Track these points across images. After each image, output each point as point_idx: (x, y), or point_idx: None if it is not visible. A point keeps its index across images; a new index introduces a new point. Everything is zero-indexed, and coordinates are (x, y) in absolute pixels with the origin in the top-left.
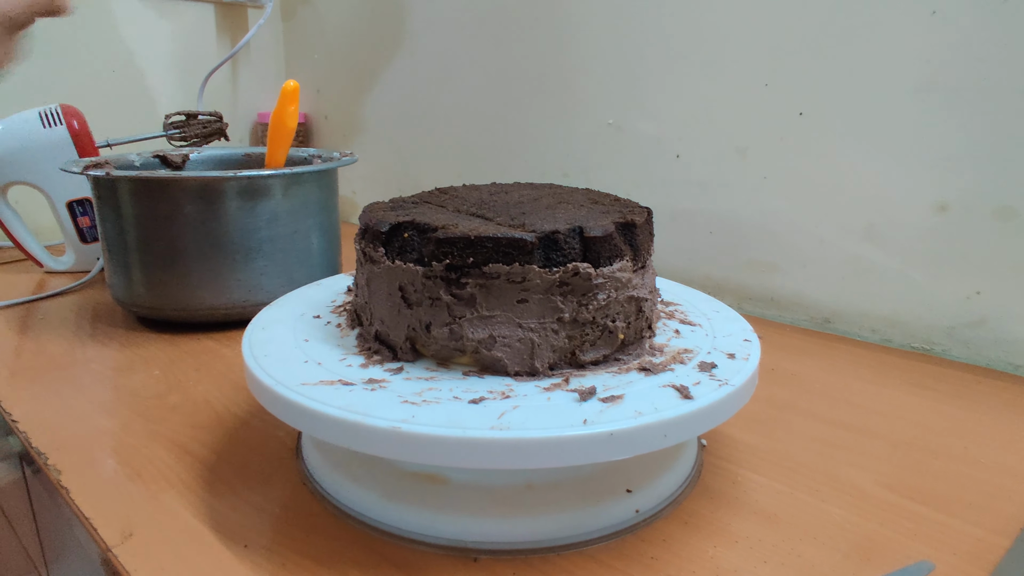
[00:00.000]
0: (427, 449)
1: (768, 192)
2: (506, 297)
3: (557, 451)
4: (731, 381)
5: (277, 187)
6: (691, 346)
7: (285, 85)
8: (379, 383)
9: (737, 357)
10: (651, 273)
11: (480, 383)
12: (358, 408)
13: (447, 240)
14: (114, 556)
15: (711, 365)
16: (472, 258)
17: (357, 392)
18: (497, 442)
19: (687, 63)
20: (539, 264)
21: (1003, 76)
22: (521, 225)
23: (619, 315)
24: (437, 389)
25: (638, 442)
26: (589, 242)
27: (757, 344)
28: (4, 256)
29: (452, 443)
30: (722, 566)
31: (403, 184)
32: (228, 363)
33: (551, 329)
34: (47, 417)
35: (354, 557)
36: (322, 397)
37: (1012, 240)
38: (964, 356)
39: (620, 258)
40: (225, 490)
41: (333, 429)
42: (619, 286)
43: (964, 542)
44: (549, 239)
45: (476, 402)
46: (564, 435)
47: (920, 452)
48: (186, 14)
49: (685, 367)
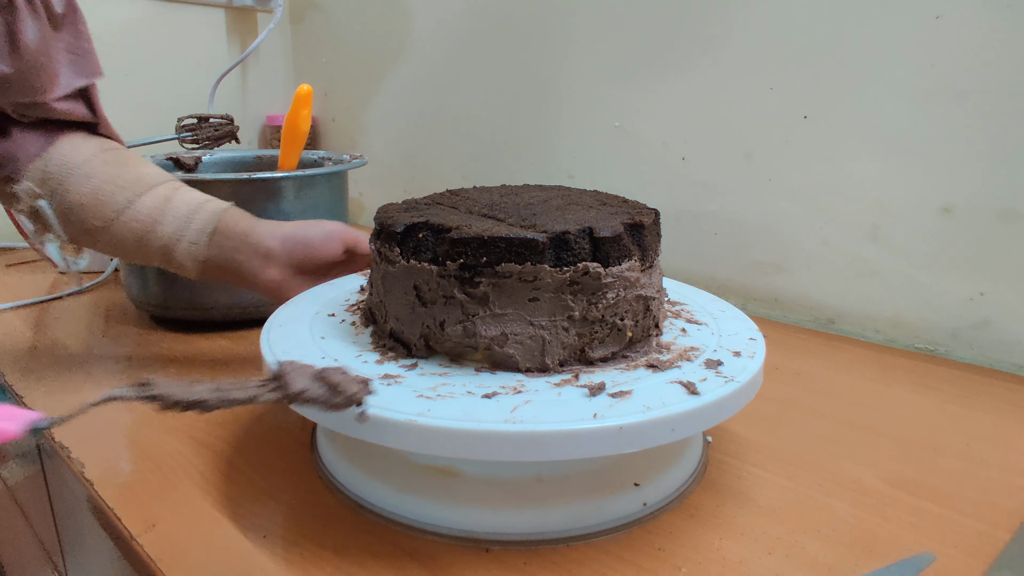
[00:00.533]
0: (442, 441)
1: (773, 194)
2: (518, 296)
3: (569, 444)
4: (737, 378)
5: (290, 189)
6: (698, 344)
7: (299, 89)
8: (395, 378)
9: (743, 355)
10: (658, 273)
11: (492, 379)
12: (375, 402)
13: (461, 240)
14: (139, 545)
15: (717, 362)
16: (485, 258)
17: (374, 387)
18: (511, 435)
19: (692, 67)
20: (550, 264)
21: (1007, 80)
22: (532, 226)
23: (628, 313)
24: (451, 384)
25: (647, 436)
26: (599, 242)
27: (762, 342)
28: (20, 257)
29: (467, 436)
30: (728, 557)
31: (410, 186)
32: (243, 361)
33: (562, 327)
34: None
35: (369, 547)
36: None
37: (1016, 242)
38: (968, 357)
39: (629, 258)
40: (243, 482)
41: (352, 423)
42: (628, 285)
43: (965, 536)
44: (560, 239)
45: (489, 396)
46: (575, 428)
47: (923, 449)
48: (197, 18)
49: (692, 364)
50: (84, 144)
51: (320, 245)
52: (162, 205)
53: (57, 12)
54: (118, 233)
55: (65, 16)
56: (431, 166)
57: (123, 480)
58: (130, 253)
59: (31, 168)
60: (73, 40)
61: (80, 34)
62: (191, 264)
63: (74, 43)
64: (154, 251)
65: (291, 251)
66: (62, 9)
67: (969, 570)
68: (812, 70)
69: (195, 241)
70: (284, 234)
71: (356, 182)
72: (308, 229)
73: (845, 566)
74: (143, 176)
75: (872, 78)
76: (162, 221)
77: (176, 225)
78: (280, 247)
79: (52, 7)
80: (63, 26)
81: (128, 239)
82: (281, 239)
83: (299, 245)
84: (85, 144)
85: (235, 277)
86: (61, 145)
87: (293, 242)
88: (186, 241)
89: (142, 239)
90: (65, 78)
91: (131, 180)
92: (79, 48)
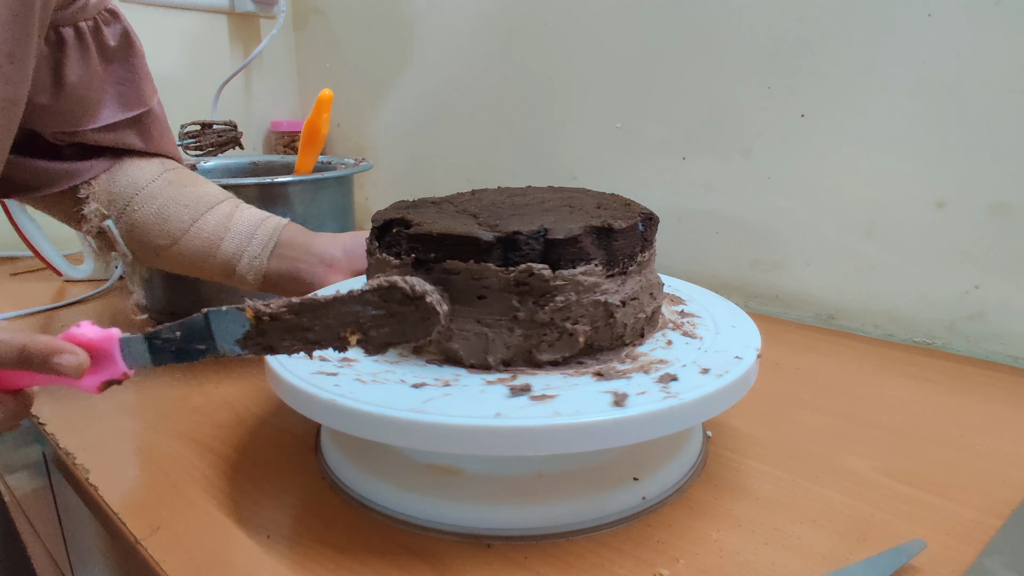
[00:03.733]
0: (344, 420)
1: (772, 192)
2: (468, 292)
3: (465, 439)
4: (681, 396)
5: (300, 193)
6: (671, 357)
7: (321, 94)
8: (350, 362)
9: (711, 373)
10: (641, 281)
11: (433, 371)
12: (312, 380)
13: (415, 236)
14: (143, 548)
15: (672, 377)
16: (434, 253)
17: (339, 372)
18: (407, 423)
19: (692, 68)
20: (496, 263)
21: (996, 74)
22: (495, 226)
23: (583, 318)
24: (393, 372)
25: (548, 441)
26: (551, 244)
27: (748, 363)
28: (24, 265)
29: (374, 419)
30: (725, 548)
31: (415, 189)
32: (247, 366)
33: (507, 327)
34: (72, 419)
35: (372, 545)
36: (296, 370)
37: (1008, 234)
38: (964, 349)
39: (586, 262)
40: (247, 485)
41: (291, 394)
42: (582, 290)
43: (957, 523)
44: (508, 240)
45: (417, 387)
46: (474, 424)
47: (918, 440)
48: (199, 25)
49: (646, 376)
50: (148, 166)
51: None
52: (225, 222)
53: (110, 45)
54: (183, 251)
55: (118, 49)
56: (436, 169)
57: (127, 485)
58: (191, 268)
59: (96, 190)
60: (124, 72)
61: (132, 66)
62: (253, 277)
63: (125, 75)
64: (216, 266)
65: (352, 259)
66: (115, 42)
67: (960, 556)
68: (808, 69)
69: (257, 255)
70: (344, 243)
71: (361, 187)
72: (364, 239)
73: (838, 554)
74: (205, 195)
75: (866, 76)
76: (225, 237)
77: (239, 241)
78: (343, 255)
79: (105, 41)
80: (115, 59)
81: (192, 256)
82: (343, 248)
83: (358, 252)
84: (149, 165)
85: (298, 285)
86: (126, 166)
87: (354, 250)
88: (248, 256)
89: (206, 255)
90: (108, 110)
91: (194, 199)
92: (129, 80)
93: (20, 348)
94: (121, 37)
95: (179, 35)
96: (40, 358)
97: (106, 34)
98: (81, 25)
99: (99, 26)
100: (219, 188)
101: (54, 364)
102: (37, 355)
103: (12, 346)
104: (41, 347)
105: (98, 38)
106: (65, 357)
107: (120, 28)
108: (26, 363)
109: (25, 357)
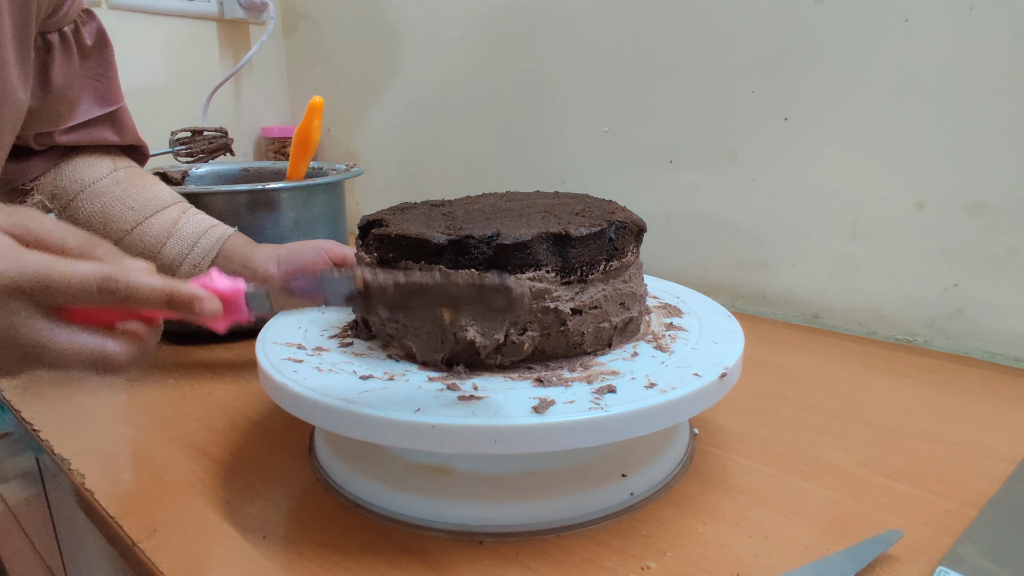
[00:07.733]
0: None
1: (757, 194)
2: None
3: (385, 430)
4: (607, 408)
5: (292, 199)
6: (626, 370)
7: (312, 101)
8: (319, 351)
9: (656, 387)
10: (605, 290)
11: (386, 366)
12: (280, 368)
13: (378, 236)
14: (141, 551)
15: (609, 389)
16: (393, 253)
17: (305, 360)
18: (333, 409)
19: (678, 72)
20: (448, 265)
21: (970, 78)
22: (459, 229)
23: (531, 324)
24: (351, 364)
25: (458, 440)
26: (500, 249)
27: (705, 381)
28: None
29: (309, 403)
30: (710, 541)
31: (405, 194)
32: (240, 371)
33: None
34: (66, 425)
35: (366, 544)
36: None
37: (984, 233)
38: (945, 346)
39: (536, 268)
40: (242, 487)
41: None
42: (530, 296)
43: (934, 513)
44: (460, 243)
45: (364, 379)
46: (396, 418)
47: (899, 435)
48: (188, 31)
49: (587, 387)
50: (98, 163)
51: (311, 263)
52: (169, 227)
53: (87, 44)
54: (124, 250)
55: (94, 47)
56: (427, 174)
57: (123, 489)
58: None
59: (43, 183)
60: (100, 69)
61: (106, 63)
62: None
63: (100, 72)
64: (157, 268)
65: (286, 272)
66: (92, 41)
67: (936, 545)
68: (791, 73)
69: (197, 264)
70: (279, 257)
71: (353, 192)
72: (299, 249)
73: (819, 545)
74: (152, 197)
75: (847, 80)
76: (167, 243)
77: (181, 247)
78: (276, 270)
79: (83, 40)
80: (91, 56)
81: None
82: (277, 262)
83: (292, 265)
84: (99, 163)
85: None
86: (75, 163)
87: (287, 263)
88: (188, 263)
89: (147, 258)
90: (85, 106)
91: (140, 201)
92: (104, 76)
93: (168, 295)
94: (97, 35)
95: (168, 42)
96: (185, 305)
97: (84, 33)
98: (65, 30)
99: (79, 27)
100: (170, 191)
101: (198, 310)
102: (182, 302)
103: (161, 292)
104: (186, 296)
105: (78, 39)
106: (206, 304)
107: (95, 26)
108: (172, 307)
109: (172, 302)
